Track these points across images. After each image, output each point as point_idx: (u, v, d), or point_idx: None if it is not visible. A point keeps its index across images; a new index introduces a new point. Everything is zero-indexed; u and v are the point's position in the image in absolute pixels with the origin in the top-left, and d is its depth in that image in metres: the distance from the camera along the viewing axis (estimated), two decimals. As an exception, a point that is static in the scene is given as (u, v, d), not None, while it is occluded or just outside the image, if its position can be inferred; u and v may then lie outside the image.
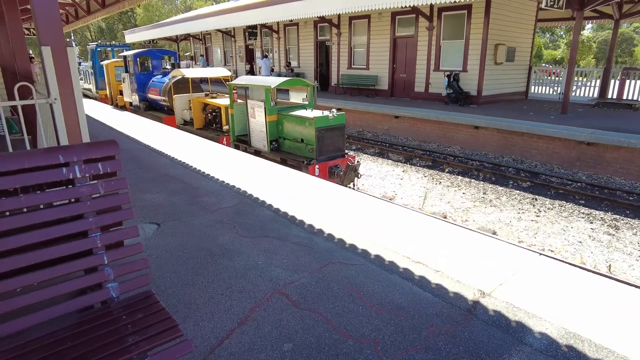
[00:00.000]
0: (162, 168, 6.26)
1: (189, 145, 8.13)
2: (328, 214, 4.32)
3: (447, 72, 14.33)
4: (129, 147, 7.91)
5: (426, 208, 7.37)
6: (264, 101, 7.82)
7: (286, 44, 21.91)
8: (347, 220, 4.13)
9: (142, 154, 7.31)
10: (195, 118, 10.73)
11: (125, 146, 8.00)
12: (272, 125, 7.97)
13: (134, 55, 13.53)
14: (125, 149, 7.70)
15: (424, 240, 3.69)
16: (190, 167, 6.31)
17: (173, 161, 6.71)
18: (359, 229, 3.93)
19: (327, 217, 4.24)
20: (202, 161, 6.68)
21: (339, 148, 7.65)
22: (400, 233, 3.83)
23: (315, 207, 4.51)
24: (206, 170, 6.12)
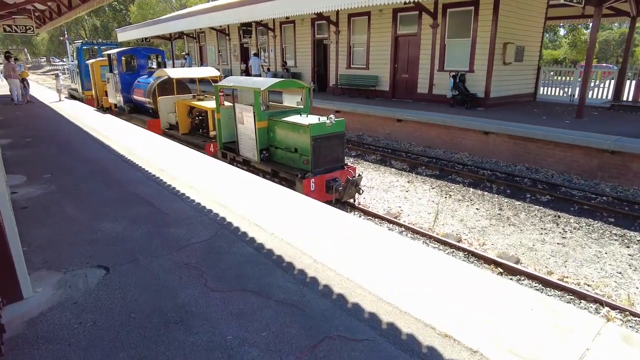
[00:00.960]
0: (132, 185, 5.36)
1: (168, 155, 7.23)
2: (325, 252, 3.43)
3: (453, 73, 13.45)
4: (100, 156, 7.01)
5: (437, 228, 6.49)
6: (254, 105, 6.93)
7: (282, 42, 21.00)
8: (350, 263, 3.24)
9: (114, 165, 6.40)
10: (180, 122, 9.83)
11: (97, 155, 7.09)
12: (263, 132, 7.08)
13: (118, 54, 12.61)
14: (96, 160, 6.79)
15: (446, 293, 2.80)
16: (165, 184, 5.41)
17: (147, 176, 5.81)
18: (366, 277, 3.04)
19: (323, 256, 3.35)
20: (180, 176, 5.78)
21: (338, 158, 6.76)
22: (417, 281, 2.95)
23: (308, 242, 3.62)
24: (183, 187, 5.22)
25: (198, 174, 5.90)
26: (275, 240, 3.67)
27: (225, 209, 4.43)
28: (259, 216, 4.22)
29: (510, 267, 5.14)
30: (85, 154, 7.14)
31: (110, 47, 18.28)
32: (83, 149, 7.61)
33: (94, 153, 7.24)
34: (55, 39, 70.50)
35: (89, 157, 6.86)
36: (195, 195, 4.91)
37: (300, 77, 19.85)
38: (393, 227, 6.32)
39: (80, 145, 7.86)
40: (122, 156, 6.96)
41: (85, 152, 7.35)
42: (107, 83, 14.12)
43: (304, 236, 3.73)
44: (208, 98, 10.14)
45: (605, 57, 47.39)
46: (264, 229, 3.90)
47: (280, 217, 4.20)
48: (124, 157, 6.85)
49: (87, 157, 6.93)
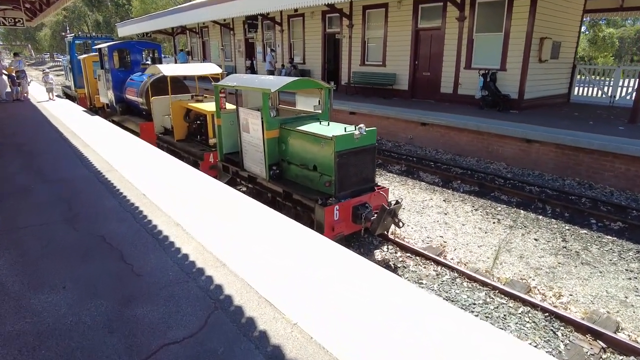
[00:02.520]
0: (101, 220, 4.03)
1: (157, 171, 5.90)
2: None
3: (483, 71, 12.02)
4: (73, 174, 5.68)
5: (496, 271, 5.12)
6: (262, 110, 5.57)
7: (290, 37, 19.59)
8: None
9: (86, 187, 5.07)
10: (175, 127, 8.49)
11: (69, 172, 5.76)
12: (273, 143, 5.72)
13: (109, 48, 11.28)
14: (65, 179, 5.46)
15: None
16: (144, 219, 4.07)
17: (124, 205, 4.48)
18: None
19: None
20: (166, 204, 4.45)
21: (368, 178, 5.39)
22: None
23: (348, 339, 2.26)
24: (167, 226, 3.88)
25: (189, 202, 4.57)
26: (298, 336, 2.32)
27: (224, 269, 3.08)
28: (272, 282, 2.88)
29: (614, 341, 3.75)
30: (54, 171, 5.82)
31: (105, 41, 16.94)
32: (54, 163, 6.28)
33: (66, 169, 5.92)
34: (57, 34, 69.47)
35: (57, 176, 5.53)
36: (182, 240, 3.57)
37: (309, 74, 18.45)
38: (442, 270, 4.94)
39: (53, 158, 6.54)
40: (99, 174, 5.62)
41: (56, 167, 6.02)
42: (98, 80, 12.80)
43: (342, 326, 2.37)
44: (208, 99, 8.79)
45: (619, 54, 45.49)
46: (282, 313, 2.54)
47: (303, 282, 2.86)
48: (101, 176, 5.51)
49: (56, 175, 5.61)
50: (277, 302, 2.62)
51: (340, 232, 5.03)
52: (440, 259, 5.12)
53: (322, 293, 2.69)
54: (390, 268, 4.92)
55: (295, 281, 2.85)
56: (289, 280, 2.86)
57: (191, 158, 7.93)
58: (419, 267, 4.98)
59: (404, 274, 4.79)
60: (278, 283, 2.84)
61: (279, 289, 2.78)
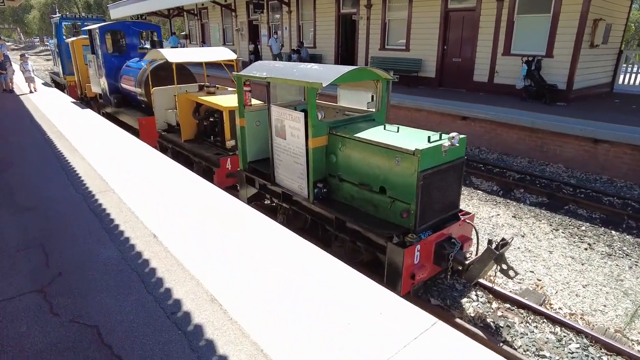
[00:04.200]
0: (95, 290, 2.68)
1: (168, 192, 4.53)
2: None
3: (528, 58, 10.60)
4: (55, 197, 4.29)
5: (613, 318, 3.84)
6: (307, 111, 4.19)
7: (299, 19, 17.96)
8: None
9: (72, 221, 3.70)
10: (183, 125, 7.06)
11: (49, 192, 4.38)
12: (319, 154, 4.35)
13: (101, 29, 9.74)
14: (45, 205, 4.08)
15: None
16: (161, 285, 2.72)
17: (126, 256, 3.12)
18: None
19: None
20: (189, 256, 3.10)
21: (452, 203, 4.06)
22: None
23: None
24: (171, 276, 2.55)
25: (201, 232, 3.23)
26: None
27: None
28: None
29: None
30: (29, 191, 4.43)
31: (96, 22, 15.27)
32: (32, 177, 4.89)
33: (46, 187, 4.53)
34: (46, 17, 66.53)
35: (33, 199, 4.16)
36: (196, 299, 2.24)
37: (320, 59, 16.93)
38: (562, 333, 3.63)
39: (30, 170, 5.13)
40: (90, 196, 4.25)
41: (33, 185, 4.64)
42: (89, 67, 11.26)
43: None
44: (221, 90, 7.36)
45: (636, 37, 43.64)
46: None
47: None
48: (93, 200, 4.14)
49: (31, 197, 4.23)
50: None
51: (420, 279, 3.73)
52: (553, 313, 3.82)
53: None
54: (490, 329, 3.62)
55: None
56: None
57: (203, 163, 6.55)
58: (528, 326, 3.69)
59: (514, 340, 3.50)
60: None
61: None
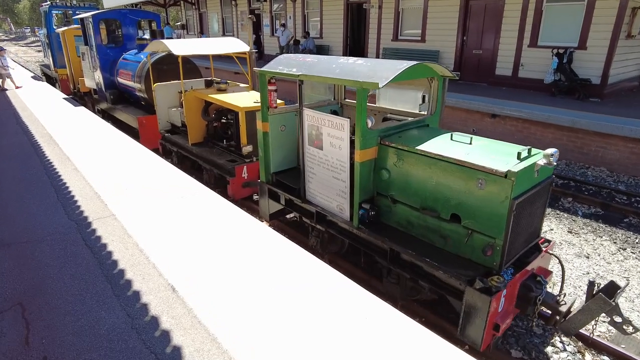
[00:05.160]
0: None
1: (182, 216, 3.73)
2: None
3: (559, 50, 9.80)
4: (41, 226, 3.48)
5: None
6: (356, 118, 3.39)
7: (304, 7, 17.01)
8: None
9: (63, 265, 2.90)
10: (190, 126, 6.22)
11: (34, 222, 3.56)
12: (368, 169, 3.56)
13: (94, 18, 8.82)
14: (27, 237, 3.26)
15: None
16: (165, 351, 1.94)
17: (137, 324, 2.33)
18: None
19: None
20: (198, 294, 2.32)
21: (535, 230, 3.30)
22: None
23: None
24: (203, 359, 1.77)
25: (217, 277, 2.46)
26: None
27: None
28: None
29: None
30: (6, 216, 3.61)
31: (89, 11, 14.26)
32: (12, 197, 4.06)
33: (29, 210, 3.72)
34: (37, 6, 64.60)
35: (11, 230, 3.34)
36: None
37: (327, 51, 16.05)
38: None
39: (11, 187, 4.29)
40: (85, 224, 3.43)
41: (13, 208, 3.82)
42: (82, 60, 10.33)
43: None
44: (231, 86, 6.52)
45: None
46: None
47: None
48: (89, 231, 3.33)
49: (9, 226, 3.41)
50: None
51: (503, 330, 2.97)
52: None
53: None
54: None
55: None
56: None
57: (214, 171, 5.73)
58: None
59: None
60: None
61: None
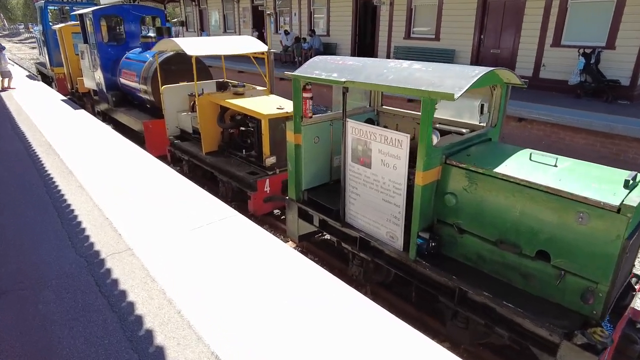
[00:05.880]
0: None
1: (200, 244, 3.20)
2: None
3: (585, 50, 9.33)
4: (42, 265, 2.94)
5: None
6: (420, 133, 2.88)
7: (310, 4, 16.44)
8: None
9: (71, 311, 2.38)
10: (204, 133, 5.67)
11: (34, 260, 3.01)
12: (430, 192, 3.04)
13: (94, 14, 8.23)
14: (33, 268, 2.73)
15: None
16: None
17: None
18: None
19: None
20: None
21: (631, 268, 2.80)
22: None
23: None
24: None
25: None
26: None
27: None
28: None
29: None
30: (1, 254, 3.05)
31: (86, 7, 13.62)
32: (7, 222, 3.50)
33: (27, 243, 3.17)
34: (31, 2, 63.33)
35: (5, 271, 2.78)
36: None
37: (334, 49, 15.50)
38: None
39: (5, 211, 3.73)
40: (95, 259, 2.90)
41: (7, 237, 3.26)
42: (81, 58, 9.73)
43: None
44: (248, 90, 5.97)
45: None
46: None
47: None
48: (101, 270, 2.80)
49: (6, 268, 2.85)
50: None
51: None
52: None
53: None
54: None
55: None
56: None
57: (233, 184, 5.20)
58: None
59: None
60: None
61: None
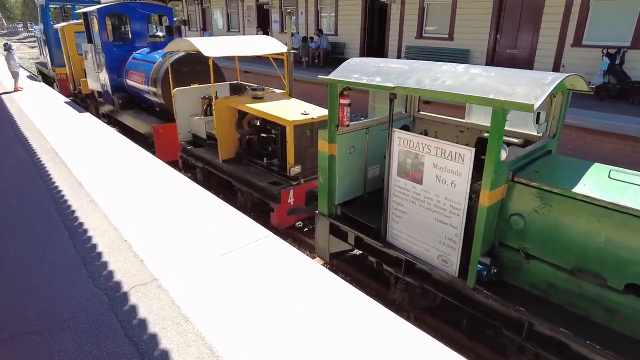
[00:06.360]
0: None
1: (222, 272, 2.84)
2: None
3: (609, 50, 8.98)
4: (62, 291, 2.58)
5: None
6: (488, 147, 2.52)
7: (317, 2, 16.06)
8: None
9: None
10: (221, 139, 5.31)
11: (52, 288, 2.65)
12: (494, 213, 2.68)
13: (100, 12, 7.86)
14: (47, 307, 2.37)
15: None
16: None
17: None
18: None
19: None
20: None
21: None
22: None
23: None
24: None
25: None
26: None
27: None
28: None
29: None
30: (6, 288, 2.68)
31: (88, 5, 13.21)
32: (12, 247, 3.13)
33: (37, 274, 2.81)
34: (30, 1, 62.76)
35: (10, 313, 2.40)
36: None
37: (342, 49, 15.14)
38: None
39: (11, 232, 3.36)
40: (116, 293, 2.54)
41: (13, 266, 2.90)
42: (85, 59, 9.35)
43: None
44: (267, 94, 5.60)
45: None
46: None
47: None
48: (125, 308, 2.44)
49: (13, 306, 2.48)
50: None
51: None
52: None
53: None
54: None
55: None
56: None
57: (252, 194, 4.84)
58: None
59: None
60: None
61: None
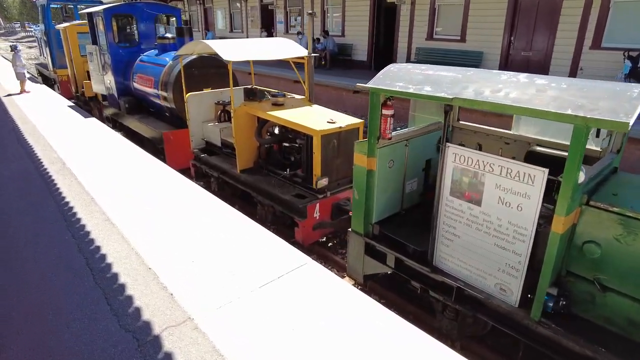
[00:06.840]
0: None
1: (264, 311, 2.55)
2: None
3: (632, 53, 8.72)
4: (83, 336, 2.28)
5: None
6: (565, 168, 2.23)
7: (324, 2, 15.78)
8: None
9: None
10: (240, 148, 5.01)
11: (68, 330, 2.35)
12: (565, 239, 2.39)
13: (106, 12, 7.54)
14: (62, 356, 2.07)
15: None
16: None
17: None
18: None
19: None
20: None
21: None
22: None
23: None
24: None
25: None
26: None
27: None
28: None
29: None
30: (7, 321, 2.37)
31: (91, 5, 12.88)
32: (20, 278, 2.81)
33: (56, 313, 2.51)
34: (27, 1, 62.22)
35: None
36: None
37: (349, 50, 14.85)
38: None
39: (18, 262, 3.04)
40: (147, 338, 2.24)
41: (21, 304, 2.59)
42: (89, 61, 9.03)
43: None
44: (287, 101, 5.31)
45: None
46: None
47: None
48: (158, 355, 2.13)
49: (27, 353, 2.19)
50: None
51: None
52: None
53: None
54: None
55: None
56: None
57: (274, 207, 4.54)
58: None
59: None
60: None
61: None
